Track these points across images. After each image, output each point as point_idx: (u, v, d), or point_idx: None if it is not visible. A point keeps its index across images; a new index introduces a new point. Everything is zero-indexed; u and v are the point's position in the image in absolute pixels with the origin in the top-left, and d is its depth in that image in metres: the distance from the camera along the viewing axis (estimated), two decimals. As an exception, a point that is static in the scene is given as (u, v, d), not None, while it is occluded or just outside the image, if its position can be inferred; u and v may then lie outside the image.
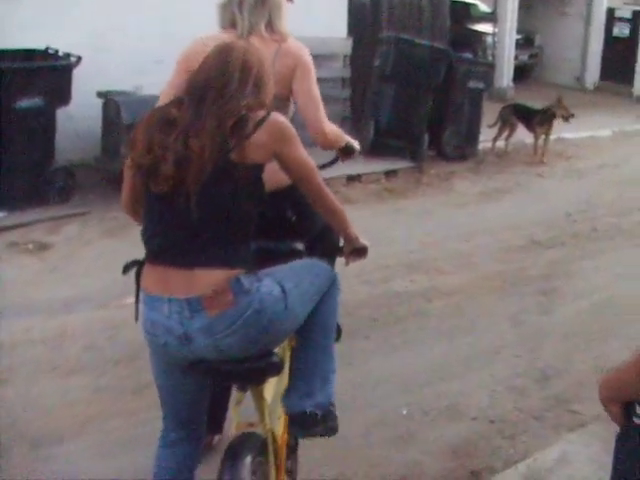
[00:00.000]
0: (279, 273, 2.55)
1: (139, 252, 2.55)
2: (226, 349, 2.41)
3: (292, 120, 3.02)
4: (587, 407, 4.35)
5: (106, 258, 6.10)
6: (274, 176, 2.59)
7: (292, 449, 3.14)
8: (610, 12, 17.40)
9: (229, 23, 3.33)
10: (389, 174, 8.94)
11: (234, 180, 2.35)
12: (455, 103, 9.77)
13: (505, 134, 10.46)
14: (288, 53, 3.24)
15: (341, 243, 2.92)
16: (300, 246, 3.05)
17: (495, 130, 10.36)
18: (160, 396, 2.72)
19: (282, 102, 3.15)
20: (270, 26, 3.30)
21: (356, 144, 3.48)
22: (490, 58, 15.53)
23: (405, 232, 7.16)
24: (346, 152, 3.46)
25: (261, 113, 2.42)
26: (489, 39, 15.81)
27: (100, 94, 7.82)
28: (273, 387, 2.83)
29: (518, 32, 16.00)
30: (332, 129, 3.33)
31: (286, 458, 2.99)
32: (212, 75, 2.42)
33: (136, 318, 2.57)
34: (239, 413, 2.79)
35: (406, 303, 5.59)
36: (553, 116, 9.99)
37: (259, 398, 2.70)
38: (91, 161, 8.05)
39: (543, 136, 10.15)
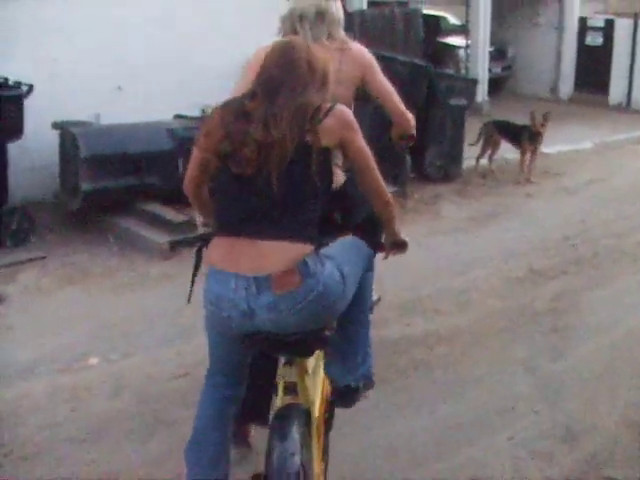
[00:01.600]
0: (338, 256, 2.76)
1: (101, 302, 2.05)
2: (285, 325, 2.61)
3: None
4: (623, 471, 3.82)
5: (66, 311, 5.51)
6: None
7: (328, 424, 3.29)
8: (582, 21, 17.05)
9: (291, 31, 3.68)
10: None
11: (309, 161, 2.59)
12: (437, 121, 9.21)
13: (488, 152, 9.96)
14: (354, 58, 3.80)
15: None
16: None
17: (478, 148, 9.85)
18: (211, 356, 2.91)
19: (345, 102, 3.26)
20: (330, 37, 3.76)
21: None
22: (463, 72, 15.18)
23: (393, 267, 6.59)
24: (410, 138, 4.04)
25: (328, 104, 2.70)
26: (461, 52, 15.41)
27: (56, 125, 7.22)
28: (314, 361, 3.11)
29: (490, 44, 15.53)
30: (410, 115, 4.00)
31: (324, 432, 3.18)
32: (282, 70, 2.69)
33: (188, 300, 2.93)
34: (284, 387, 2.93)
35: (405, 353, 4.98)
36: (540, 133, 9.47)
37: (303, 371, 2.93)
38: (50, 198, 7.44)
39: (529, 153, 9.64)
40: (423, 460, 3.85)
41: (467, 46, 15.13)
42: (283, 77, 2.67)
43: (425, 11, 13.15)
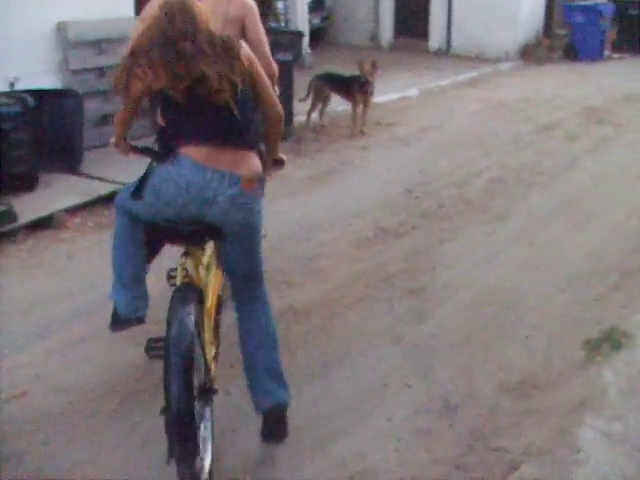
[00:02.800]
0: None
1: None
2: (228, 217, 3.25)
3: None
4: (511, 440, 3.59)
5: None
6: None
7: (220, 305, 3.86)
8: (399, -33, 16.94)
9: None
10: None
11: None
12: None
13: (319, 107, 9.58)
14: (237, 4, 4.47)
15: None
16: None
17: (308, 104, 9.45)
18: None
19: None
20: None
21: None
22: (283, 24, 14.74)
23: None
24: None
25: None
26: (280, 5, 14.93)
27: None
28: (207, 258, 3.62)
29: (309, -5, 15.12)
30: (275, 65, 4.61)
31: (216, 312, 3.71)
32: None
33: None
34: (182, 274, 3.47)
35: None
36: (370, 82, 9.16)
37: (198, 262, 3.53)
38: None
39: (361, 105, 9.33)
40: (296, 459, 3.45)
41: (285, -1, 14.70)
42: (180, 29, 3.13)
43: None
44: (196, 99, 3.13)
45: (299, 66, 13.55)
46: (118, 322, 3.67)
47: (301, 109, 9.39)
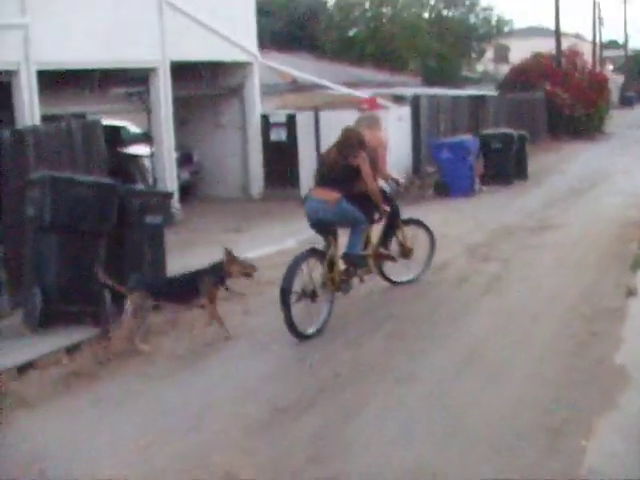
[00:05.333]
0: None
1: None
2: (326, 217, 7.55)
3: None
4: None
5: None
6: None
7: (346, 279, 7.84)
8: (265, 118, 16.94)
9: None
10: (71, 350, 6.97)
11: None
12: (132, 245, 8.12)
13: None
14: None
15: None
16: None
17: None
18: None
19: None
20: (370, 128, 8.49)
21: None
22: (151, 181, 14.37)
23: (111, 437, 5.41)
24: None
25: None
26: (146, 162, 14.61)
27: None
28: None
29: (176, 149, 14.81)
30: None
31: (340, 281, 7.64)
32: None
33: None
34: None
35: None
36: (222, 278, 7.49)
37: (330, 244, 7.56)
38: None
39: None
40: None
41: (152, 154, 14.35)
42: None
43: (104, 122, 12.15)
44: None
45: (169, 224, 13.15)
46: None
47: (171, 270, 8.78)
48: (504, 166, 17.92)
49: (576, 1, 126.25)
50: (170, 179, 14.20)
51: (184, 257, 10.68)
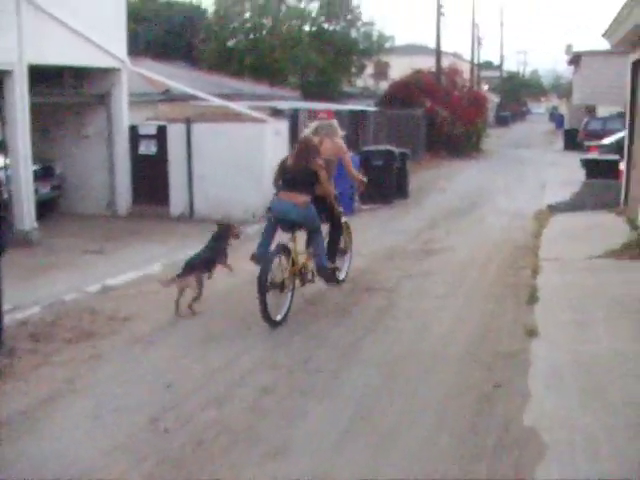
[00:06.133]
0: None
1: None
2: (295, 217, 8.34)
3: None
4: None
5: None
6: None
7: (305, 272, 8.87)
8: (133, 130, 15.78)
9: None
10: None
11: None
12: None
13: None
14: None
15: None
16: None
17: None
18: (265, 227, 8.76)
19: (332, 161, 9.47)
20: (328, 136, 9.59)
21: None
22: (6, 196, 13.03)
23: None
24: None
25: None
26: (0, 173, 13.27)
27: None
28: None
29: (35, 162, 13.48)
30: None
31: (299, 272, 8.67)
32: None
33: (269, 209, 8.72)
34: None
35: None
36: None
37: (295, 240, 8.54)
38: None
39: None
40: None
41: (6, 167, 13.00)
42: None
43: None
44: None
45: (24, 244, 11.94)
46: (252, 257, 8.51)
47: (19, 301, 7.67)
48: (385, 184, 17.46)
49: (455, 20, 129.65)
50: (26, 193, 12.89)
51: (37, 284, 9.58)
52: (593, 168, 18.26)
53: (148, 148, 15.84)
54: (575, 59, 47.70)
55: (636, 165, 14.13)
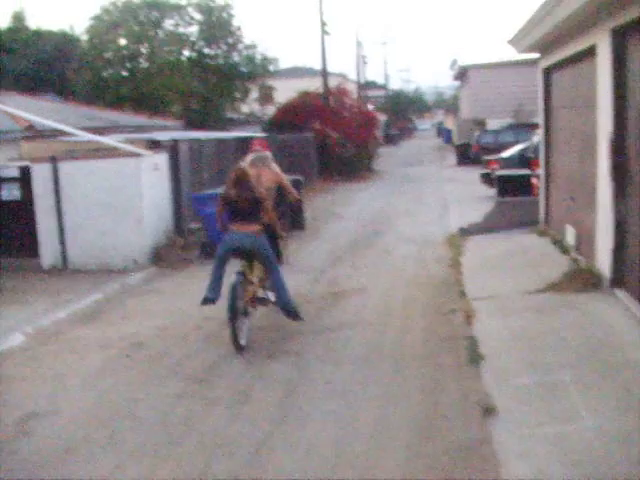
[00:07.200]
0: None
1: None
2: (251, 246, 8.58)
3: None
4: None
5: None
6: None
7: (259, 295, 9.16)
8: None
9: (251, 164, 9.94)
10: None
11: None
12: None
13: None
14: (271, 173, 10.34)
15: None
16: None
17: None
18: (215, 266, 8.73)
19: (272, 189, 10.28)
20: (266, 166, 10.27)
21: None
22: None
23: None
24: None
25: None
26: None
27: None
28: (257, 269, 9.00)
29: None
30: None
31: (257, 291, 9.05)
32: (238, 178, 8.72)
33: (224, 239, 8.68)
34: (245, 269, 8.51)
35: None
36: None
37: (251, 268, 8.87)
38: None
39: None
40: None
41: None
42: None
43: None
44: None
45: None
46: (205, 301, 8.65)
47: None
48: (279, 217, 15.97)
49: (340, 40, 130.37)
50: None
51: None
52: (504, 184, 17.36)
53: (11, 193, 13.99)
54: (461, 73, 47.66)
55: (555, 180, 13.08)
